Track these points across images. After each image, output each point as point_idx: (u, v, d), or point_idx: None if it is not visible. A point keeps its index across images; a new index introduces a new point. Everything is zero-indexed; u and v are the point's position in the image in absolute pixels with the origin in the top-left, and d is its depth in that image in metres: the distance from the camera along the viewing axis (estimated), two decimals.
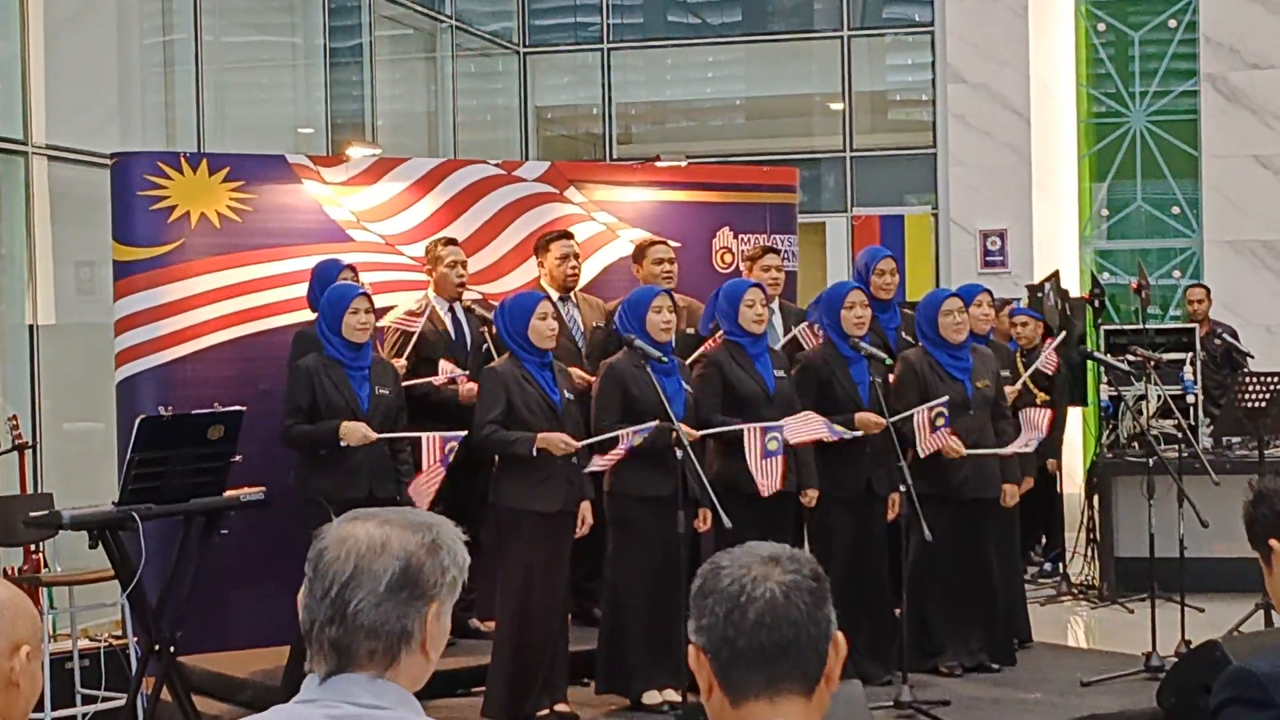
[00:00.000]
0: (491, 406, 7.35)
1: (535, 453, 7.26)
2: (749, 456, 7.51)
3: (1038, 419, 8.34)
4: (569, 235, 8.95)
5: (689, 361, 7.99)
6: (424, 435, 7.46)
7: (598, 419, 7.52)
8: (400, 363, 8.11)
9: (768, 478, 7.54)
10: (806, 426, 7.67)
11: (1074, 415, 12.49)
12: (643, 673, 7.59)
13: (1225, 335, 12.25)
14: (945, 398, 8.06)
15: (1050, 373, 10.06)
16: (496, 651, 7.46)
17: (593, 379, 7.94)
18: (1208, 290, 12.71)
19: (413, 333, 8.31)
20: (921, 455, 7.97)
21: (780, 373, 7.96)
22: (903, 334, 8.85)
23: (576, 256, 8.84)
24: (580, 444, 7.37)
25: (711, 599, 2.31)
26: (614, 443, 7.32)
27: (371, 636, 2.34)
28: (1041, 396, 10.30)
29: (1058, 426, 11.39)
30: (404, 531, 2.39)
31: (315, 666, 2.37)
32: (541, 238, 8.95)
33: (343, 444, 7.38)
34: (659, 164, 10.43)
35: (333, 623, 2.35)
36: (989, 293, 9.10)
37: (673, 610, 6.98)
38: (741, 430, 7.53)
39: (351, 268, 8.30)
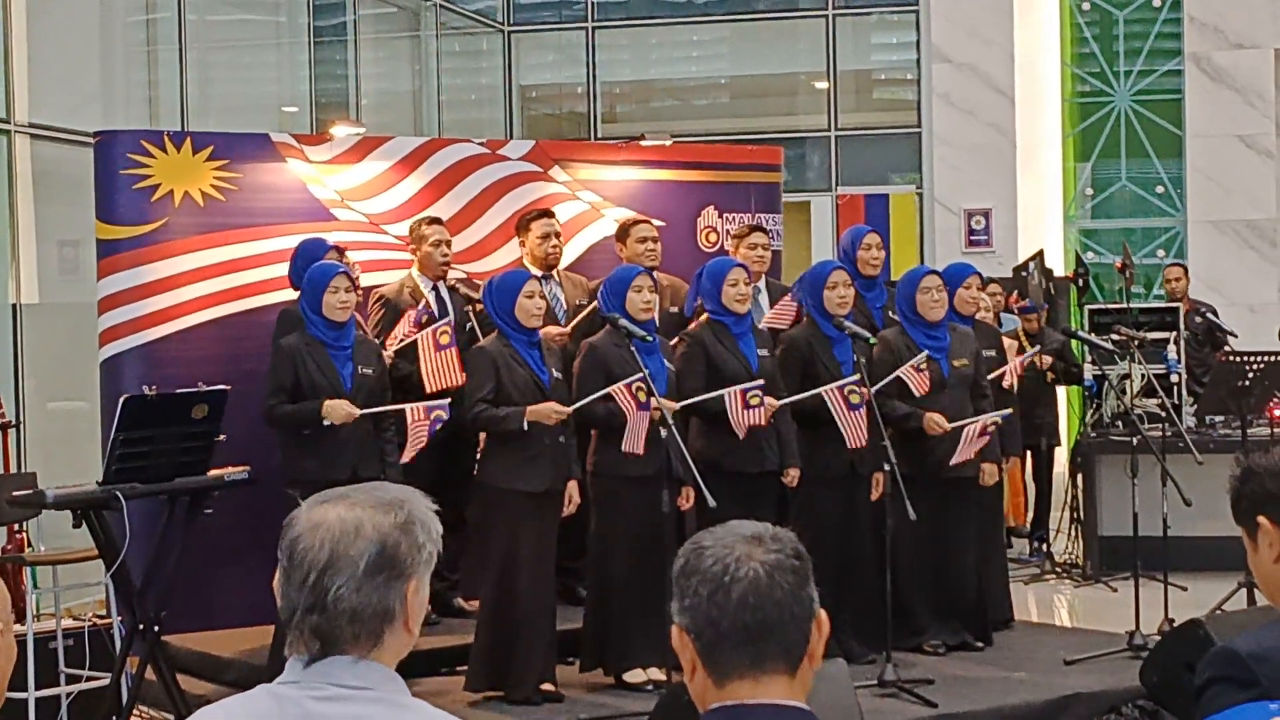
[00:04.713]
0: (481, 385, 7.35)
1: (526, 426, 7.27)
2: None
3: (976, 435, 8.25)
4: (550, 214, 8.93)
5: (671, 341, 7.98)
6: (407, 406, 7.51)
7: (578, 398, 7.51)
8: (388, 354, 8.07)
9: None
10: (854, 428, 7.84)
11: (1059, 395, 12.51)
12: (627, 651, 7.60)
13: (1207, 314, 12.27)
14: (925, 353, 8.08)
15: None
16: (479, 628, 7.49)
17: (567, 331, 8.07)
18: (1185, 269, 12.73)
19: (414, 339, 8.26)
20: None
21: (764, 352, 7.96)
22: (889, 313, 8.83)
23: (558, 235, 8.82)
24: (570, 409, 7.36)
25: (695, 579, 2.30)
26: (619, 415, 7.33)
27: (355, 620, 2.33)
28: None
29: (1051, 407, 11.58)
30: (376, 512, 2.37)
31: (296, 651, 2.36)
32: (522, 217, 8.94)
33: (326, 422, 7.38)
34: (644, 143, 10.43)
35: (314, 610, 2.33)
36: (979, 275, 9.01)
37: (657, 589, 6.98)
38: (723, 396, 7.54)
39: (338, 248, 8.28)
